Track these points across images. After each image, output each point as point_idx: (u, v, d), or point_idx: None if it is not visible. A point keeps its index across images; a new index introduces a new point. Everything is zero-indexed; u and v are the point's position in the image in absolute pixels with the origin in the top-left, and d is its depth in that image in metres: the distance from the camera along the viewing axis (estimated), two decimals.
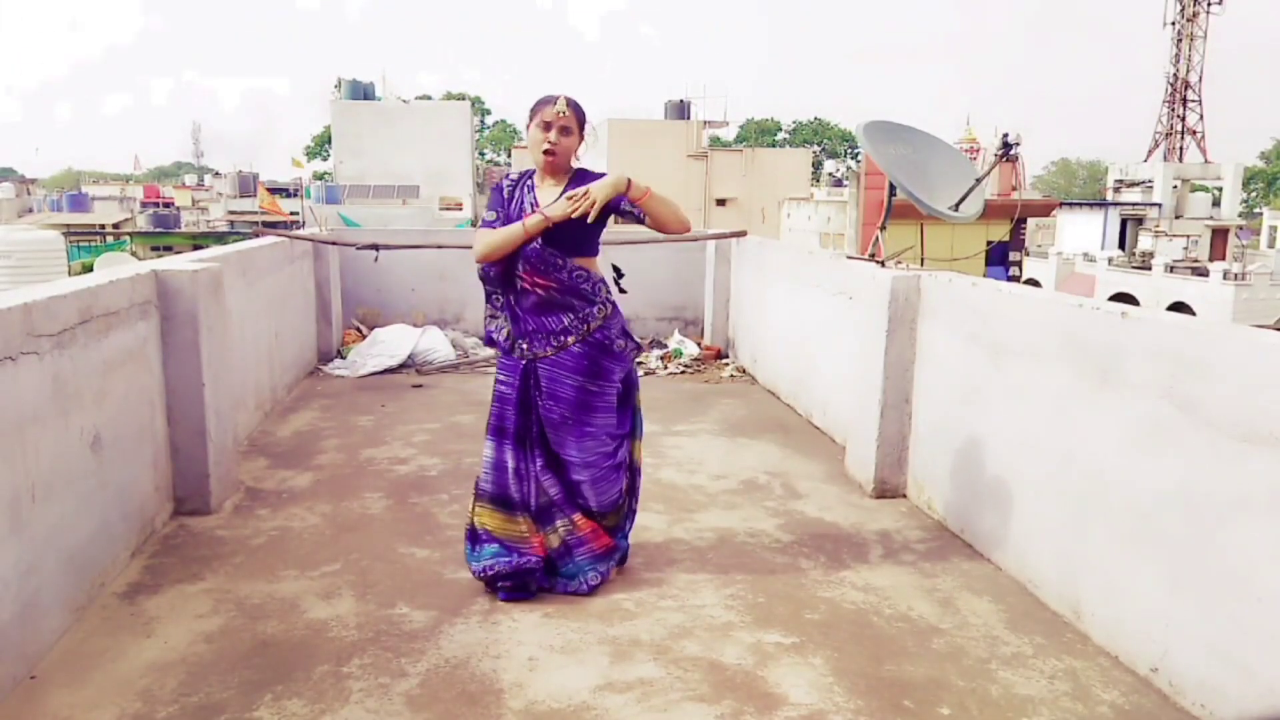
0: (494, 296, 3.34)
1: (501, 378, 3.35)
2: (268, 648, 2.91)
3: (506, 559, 3.27)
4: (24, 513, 2.69)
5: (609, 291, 3.32)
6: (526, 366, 3.28)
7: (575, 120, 3.20)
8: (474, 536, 3.37)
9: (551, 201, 3.18)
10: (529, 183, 3.31)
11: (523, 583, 3.27)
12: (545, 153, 3.18)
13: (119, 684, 2.68)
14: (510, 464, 3.31)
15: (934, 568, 3.62)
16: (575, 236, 3.19)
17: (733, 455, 5.10)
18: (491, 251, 3.20)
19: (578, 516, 3.33)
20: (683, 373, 7.34)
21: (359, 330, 7.90)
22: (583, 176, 3.25)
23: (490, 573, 3.28)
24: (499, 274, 3.26)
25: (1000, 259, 21.97)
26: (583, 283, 3.23)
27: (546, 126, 3.17)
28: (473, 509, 3.38)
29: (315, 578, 3.43)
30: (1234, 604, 2.47)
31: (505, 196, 3.30)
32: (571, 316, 3.24)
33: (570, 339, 3.24)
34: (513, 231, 3.16)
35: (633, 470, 3.52)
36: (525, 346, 3.27)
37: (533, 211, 3.18)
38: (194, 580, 3.39)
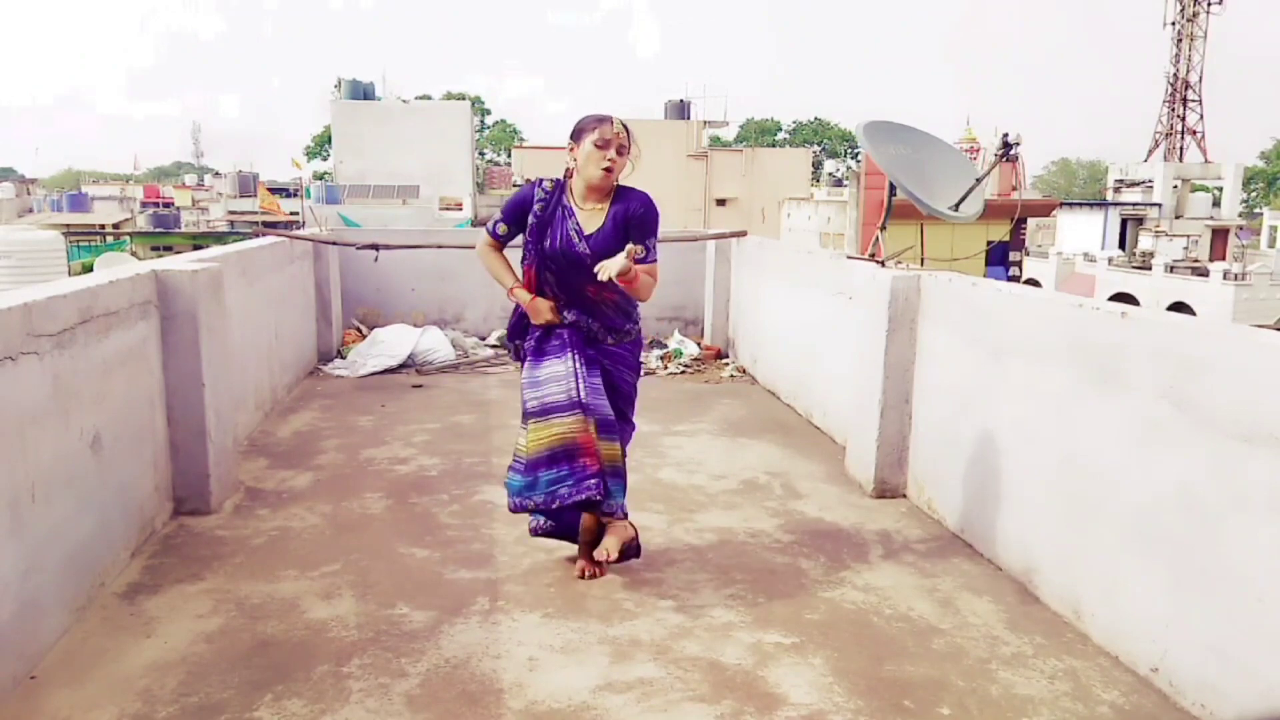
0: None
1: (555, 342, 3.36)
2: (268, 648, 2.91)
3: (568, 489, 3.20)
4: (24, 513, 2.69)
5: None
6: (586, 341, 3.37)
7: (628, 138, 3.24)
8: (533, 467, 3.25)
9: (594, 231, 3.25)
10: (565, 204, 3.28)
11: (566, 527, 3.40)
12: (606, 170, 3.20)
13: (119, 684, 2.68)
14: (572, 369, 3.29)
15: (934, 568, 3.62)
16: (613, 254, 3.29)
17: (733, 455, 5.10)
18: (488, 268, 3.48)
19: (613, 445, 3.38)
20: (683, 373, 7.33)
21: (359, 330, 7.90)
22: (625, 195, 3.31)
23: (550, 504, 3.23)
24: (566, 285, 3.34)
25: (1000, 259, 21.99)
26: (625, 301, 3.39)
27: (605, 144, 3.18)
28: (528, 438, 3.28)
29: (315, 578, 3.43)
30: (1234, 604, 2.47)
31: (532, 215, 3.29)
32: (627, 322, 3.45)
33: (628, 335, 3.46)
34: (505, 282, 3.43)
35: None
36: (592, 324, 3.37)
37: (576, 239, 3.25)
38: (194, 580, 3.39)
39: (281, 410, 5.95)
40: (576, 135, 3.25)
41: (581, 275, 3.26)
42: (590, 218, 3.26)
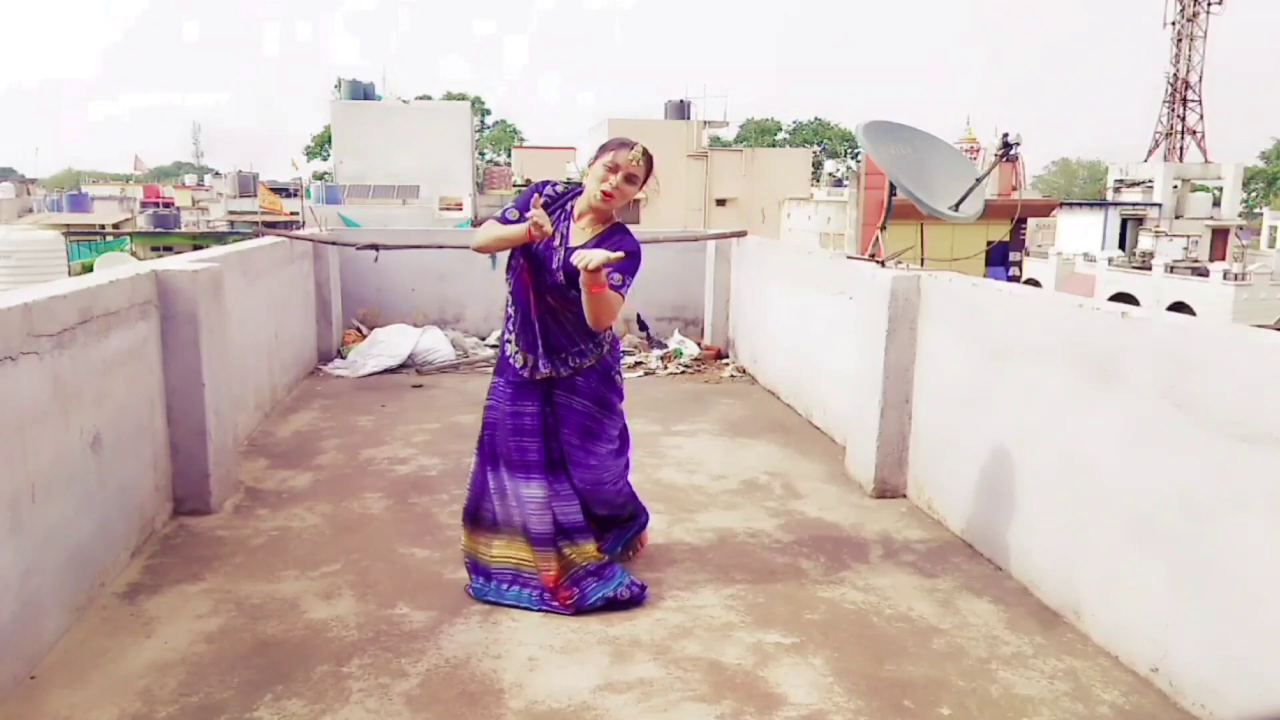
0: (513, 313, 3.23)
1: (516, 408, 3.22)
2: (268, 648, 2.91)
3: (530, 602, 3.21)
4: (24, 513, 2.69)
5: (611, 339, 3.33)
6: (544, 392, 3.22)
7: (644, 171, 3.13)
8: (484, 571, 3.29)
9: (578, 247, 3.05)
10: (568, 210, 3.20)
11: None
12: (605, 194, 3.08)
13: (119, 684, 2.68)
14: (537, 494, 3.22)
15: (934, 568, 3.62)
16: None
17: (733, 455, 5.10)
18: (486, 244, 3.15)
19: (587, 544, 3.28)
20: (683, 373, 7.33)
21: (359, 330, 7.90)
22: (616, 232, 3.17)
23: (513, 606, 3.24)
24: (522, 289, 3.19)
25: (1000, 259, 22.01)
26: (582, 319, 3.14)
27: (614, 169, 3.07)
28: (478, 541, 3.30)
29: (315, 578, 3.43)
30: (1234, 604, 2.47)
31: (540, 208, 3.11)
32: (589, 342, 3.22)
33: (586, 361, 3.22)
34: (513, 232, 3.04)
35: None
36: (545, 367, 3.18)
37: (560, 245, 3.11)
38: (194, 580, 3.39)
39: (281, 410, 5.95)
40: (599, 150, 3.17)
41: (548, 278, 3.14)
42: (578, 235, 3.15)
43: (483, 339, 7.97)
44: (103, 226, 35.61)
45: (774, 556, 3.71)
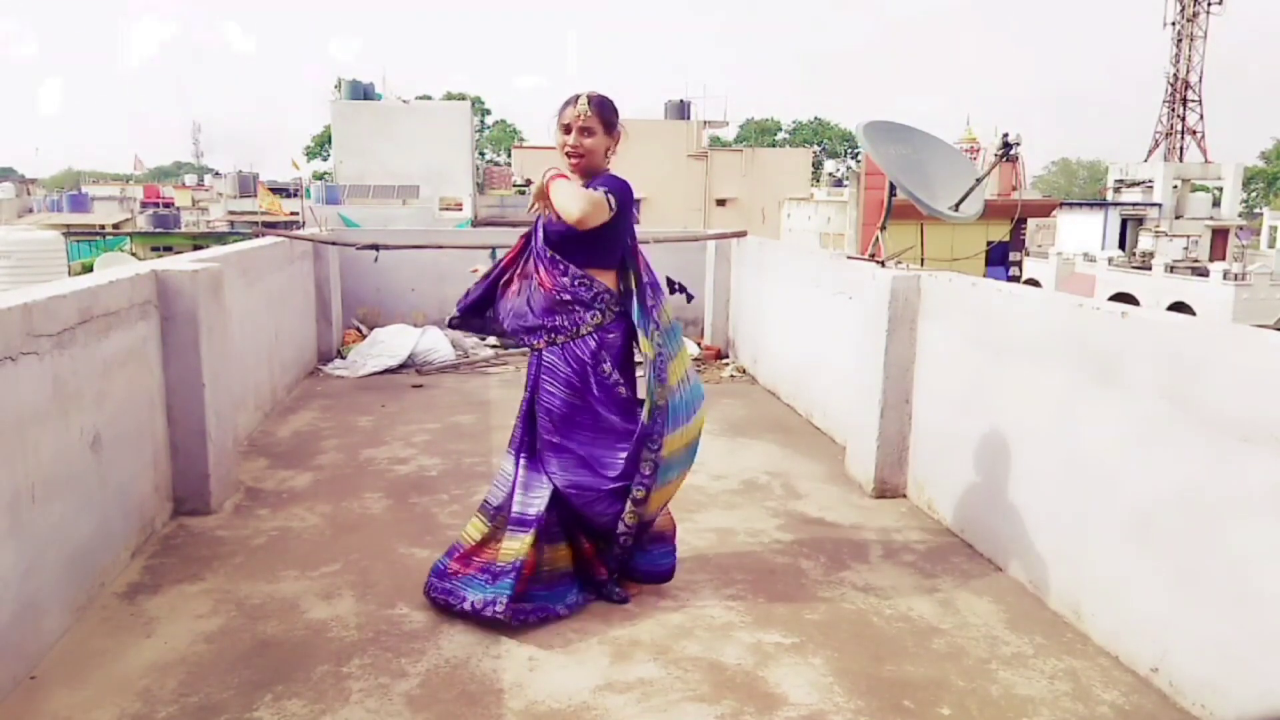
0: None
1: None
2: (268, 648, 2.91)
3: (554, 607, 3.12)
4: (24, 513, 2.69)
5: (616, 309, 3.17)
6: (535, 361, 3.19)
7: (599, 119, 3.08)
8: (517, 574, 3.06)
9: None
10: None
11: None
12: (568, 155, 3.09)
13: (119, 684, 2.68)
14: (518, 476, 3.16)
15: (934, 568, 3.62)
16: (583, 245, 3.08)
17: (733, 455, 5.10)
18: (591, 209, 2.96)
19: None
20: None
21: (359, 330, 7.90)
22: (597, 179, 3.10)
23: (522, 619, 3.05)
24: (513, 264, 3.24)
25: (1000, 259, 22.01)
26: (584, 290, 3.11)
27: (567, 129, 3.08)
28: (514, 545, 3.09)
29: (315, 578, 3.43)
30: (1234, 604, 2.47)
31: None
32: (565, 318, 3.13)
33: (560, 337, 3.13)
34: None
35: (642, 522, 3.20)
36: (526, 337, 3.19)
37: (548, 215, 3.10)
38: (194, 580, 3.39)
39: (281, 410, 5.95)
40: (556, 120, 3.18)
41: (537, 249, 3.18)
42: None
43: (482, 339, 7.97)
44: (103, 226, 35.59)
45: (774, 556, 3.71)
